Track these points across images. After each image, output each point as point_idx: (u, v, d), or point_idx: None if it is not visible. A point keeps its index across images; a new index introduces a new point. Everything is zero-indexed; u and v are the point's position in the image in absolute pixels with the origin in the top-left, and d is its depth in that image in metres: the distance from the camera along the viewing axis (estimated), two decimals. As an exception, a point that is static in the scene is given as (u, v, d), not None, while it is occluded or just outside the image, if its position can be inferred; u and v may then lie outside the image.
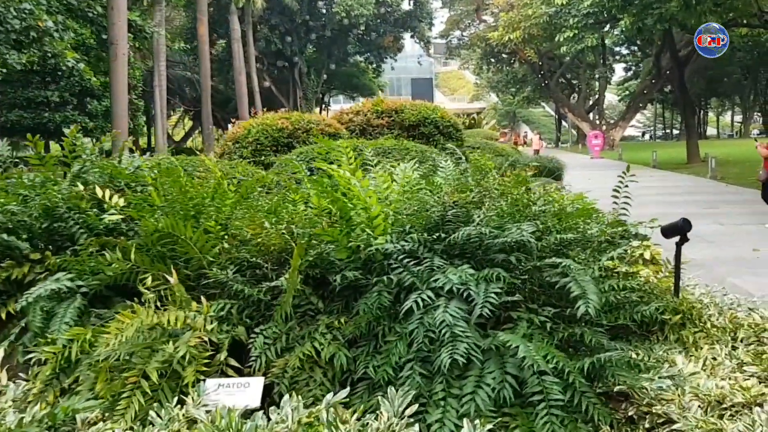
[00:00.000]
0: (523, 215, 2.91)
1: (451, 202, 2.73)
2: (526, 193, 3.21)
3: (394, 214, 2.78)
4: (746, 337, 2.99)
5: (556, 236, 2.72)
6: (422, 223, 2.72)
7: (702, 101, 68.44)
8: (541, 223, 2.86)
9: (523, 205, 2.99)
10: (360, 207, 2.71)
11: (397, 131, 7.19)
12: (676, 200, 12.86)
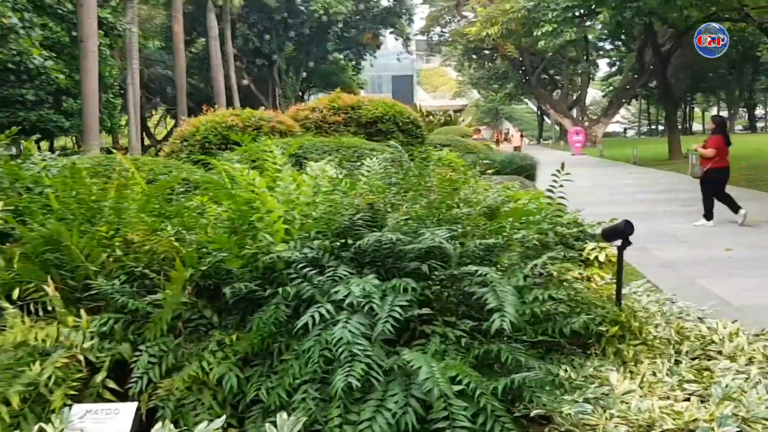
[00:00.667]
0: (444, 218, 2.66)
1: (365, 204, 2.47)
2: (451, 194, 2.95)
3: (301, 217, 2.52)
4: (691, 351, 2.76)
5: (478, 241, 2.46)
6: (330, 228, 2.46)
7: (687, 96, 68.82)
8: (464, 227, 2.60)
9: (447, 207, 2.73)
10: (264, 210, 2.44)
11: (354, 128, 6.93)
12: (653, 198, 12.72)
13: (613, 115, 39.95)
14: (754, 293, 5.49)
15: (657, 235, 8.55)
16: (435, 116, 22.70)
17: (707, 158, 8.90)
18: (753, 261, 6.69)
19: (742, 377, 2.51)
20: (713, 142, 8.89)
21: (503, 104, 63.10)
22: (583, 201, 12.74)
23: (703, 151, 9.09)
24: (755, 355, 2.64)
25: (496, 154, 12.80)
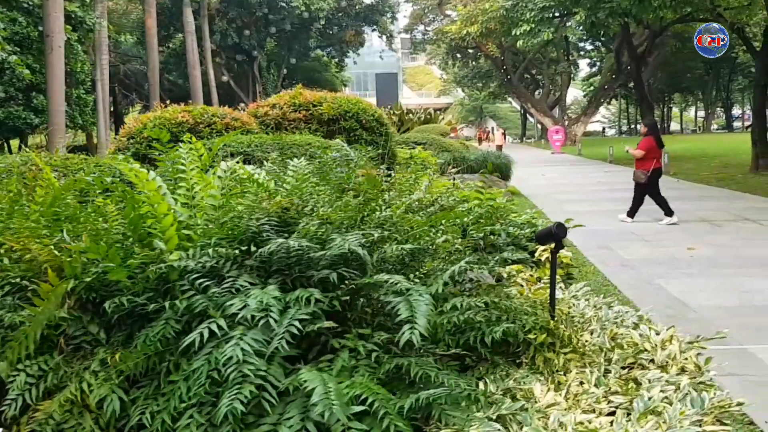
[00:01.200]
0: (368, 222, 2.48)
1: (275, 208, 2.29)
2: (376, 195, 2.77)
3: (205, 222, 2.33)
4: (622, 359, 2.62)
5: (398, 247, 2.29)
6: (235, 235, 2.27)
7: (665, 96, 69.54)
8: (387, 231, 2.43)
9: (371, 210, 2.55)
10: (163, 215, 2.24)
11: (315, 125, 6.74)
12: (623, 196, 12.64)
13: (592, 115, 40.18)
14: (711, 294, 5.41)
15: (622, 233, 8.50)
16: (415, 114, 22.56)
17: (645, 161, 9.08)
18: (714, 261, 6.63)
19: (672, 388, 2.37)
20: (645, 144, 9.10)
21: (487, 103, 63.29)
22: (556, 198, 12.77)
23: (633, 152, 9.36)
24: (687, 365, 2.51)
25: (470, 153, 12.68)
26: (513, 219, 4.97)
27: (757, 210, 10.09)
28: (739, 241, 7.67)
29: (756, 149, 16.16)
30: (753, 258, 6.69)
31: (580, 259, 6.99)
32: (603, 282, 5.96)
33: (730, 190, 13.15)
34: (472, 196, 5.23)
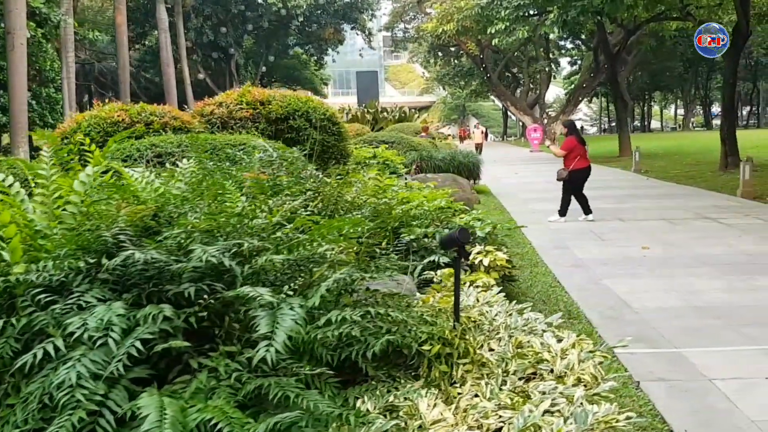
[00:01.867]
0: (245, 230, 2.33)
1: (136, 216, 2.14)
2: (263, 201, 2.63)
3: (63, 232, 2.17)
4: (521, 370, 2.51)
5: (265, 259, 2.14)
6: (92, 246, 2.12)
7: (646, 94, 70.15)
8: (259, 240, 2.28)
9: (251, 215, 2.40)
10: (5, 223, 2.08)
11: (263, 124, 6.57)
12: (590, 194, 12.61)
13: (571, 113, 40.28)
14: (655, 295, 5.34)
15: (581, 233, 8.45)
16: (390, 113, 22.43)
17: (569, 160, 9.20)
18: (665, 260, 6.58)
19: (564, 401, 2.26)
20: (566, 144, 9.24)
21: (469, 101, 63.39)
22: (523, 197, 12.71)
23: (554, 150, 9.61)
24: (584, 375, 2.40)
25: (438, 152, 12.58)
26: (453, 220, 4.85)
27: (717, 208, 10.11)
28: (694, 240, 7.64)
29: (725, 147, 16.26)
30: (704, 257, 6.66)
31: (534, 259, 6.92)
32: (552, 283, 5.87)
33: (697, 188, 13.20)
34: (412, 197, 5.11)
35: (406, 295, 2.79)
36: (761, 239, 7.50)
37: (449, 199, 6.48)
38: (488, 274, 4.26)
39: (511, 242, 7.77)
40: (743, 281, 5.66)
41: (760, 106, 71.74)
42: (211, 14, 33.46)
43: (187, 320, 1.97)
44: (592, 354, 2.55)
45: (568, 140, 9.33)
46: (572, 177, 9.21)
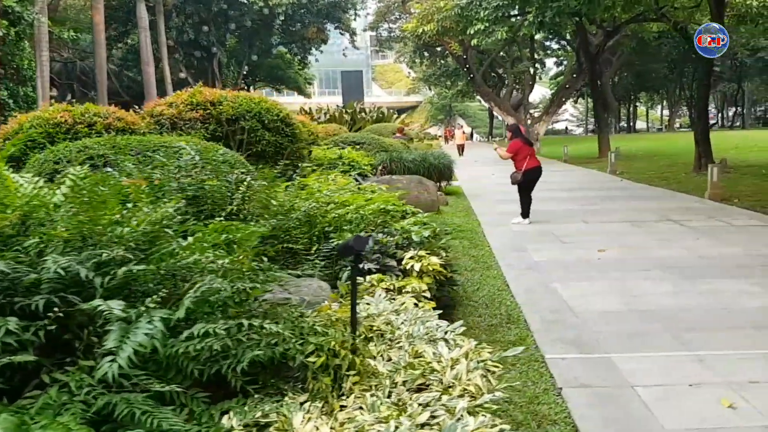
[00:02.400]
0: (109, 239, 2.24)
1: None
2: (140, 206, 2.53)
3: None
4: (412, 380, 2.44)
5: (123, 270, 2.06)
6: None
7: (631, 95, 70.56)
8: (126, 250, 2.19)
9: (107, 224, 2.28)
10: None
11: (213, 126, 6.46)
12: (561, 196, 12.66)
13: (554, 114, 40.43)
14: (601, 298, 5.30)
15: (542, 234, 8.40)
16: (368, 113, 22.34)
17: (519, 162, 9.27)
18: (619, 263, 6.54)
19: (444, 413, 2.20)
20: (512, 147, 9.34)
21: (456, 101, 63.40)
22: (494, 198, 12.66)
23: (500, 152, 9.67)
24: (469, 386, 2.34)
25: (409, 153, 12.51)
26: (392, 224, 4.77)
27: (683, 210, 10.12)
28: (653, 242, 7.62)
29: (699, 149, 16.33)
30: (658, 260, 6.64)
31: (489, 262, 6.87)
32: (500, 286, 5.82)
33: (668, 190, 13.23)
34: (352, 199, 5.02)
35: (296, 305, 2.70)
36: (718, 242, 7.51)
37: (401, 202, 6.42)
38: (421, 280, 4.20)
39: (470, 245, 7.74)
40: (692, 284, 5.64)
41: (745, 106, 72.48)
42: (192, 13, 33.20)
43: (37, 333, 1.88)
44: (483, 363, 2.48)
45: (513, 143, 9.42)
46: (525, 177, 9.25)
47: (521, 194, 9.45)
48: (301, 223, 4.16)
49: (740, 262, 6.43)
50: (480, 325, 4.64)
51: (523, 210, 9.42)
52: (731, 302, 5.06)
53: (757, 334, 4.29)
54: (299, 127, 7.15)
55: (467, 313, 4.94)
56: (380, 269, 4.15)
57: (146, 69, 27.82)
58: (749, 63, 56.01)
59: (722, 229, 8.33)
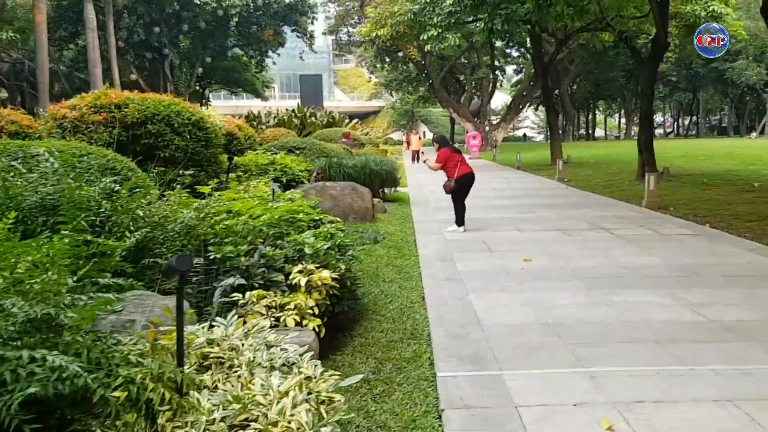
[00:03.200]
0: None
1: None
2: None
3: None
4: (233, 416, 2.20)
5: None
6: None
7: (590, 103, 72.07)
8: None
9: None
10: None
11: (119, 129, 6.11)
12: (503, 203, 12.64)
13: (511, 121, 40.90)
14: (512, 310, 5.17)
15: (473, 243, 8.29)
16: (318, 118, 22.06)
17: (450, 170, 9.22)
18: (540, 273, 6.45)
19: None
20: (440, 156, 9.33)
21: (418, 107, 63.67)
22: (436, 206, 12.52)
23: (430, 163, 9.66)
24: (291, 424, 2.11)
25: (350, 159, 12.29)
26: (295, 236, 4.52)
27: (617, 219, 10.18)
28: (579, 251, 7.58)
29: (642, 157, 16.59)
30: (579, 270, 6.57)
31: (411, 272, 6.69)
32: (415, 299, 5.64)
33: (609, 198, 13.36)
34: (245, 208, 4.76)
35: (105, 333, 2.43)
36: (643, 251, 7.51)
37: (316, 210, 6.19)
38: (309, 295, 3.97)
39: (397, 254, 7.55)
40: (605, 295, 5.57)
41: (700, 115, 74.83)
42: (144, 13, 32.35)
43: None
44: (316, 394, 2.26)
45: (441, 152, 9.40)
46: (458, 184, 9.19)
47: (455, 202, 9.37)
48: (180, 234, 3.88)
49: (658, 273, 6.41)
50: (379, 342, 4.44)
51: (458, 218, 9.33)
52: (639, 315, 4.98)
53: (656, 349, 4.20)
54: (214, 131, 6.84)
55: (370, 328, 4.74)
56: (264, 285, 3.91)
57: (93, 70, 26.95)
58: (703, 73, 57.85)
59: (650, 238, 8.36)
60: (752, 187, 13.76)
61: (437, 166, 9.41)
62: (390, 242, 8.22)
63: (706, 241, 8.12)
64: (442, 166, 9.33)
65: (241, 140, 11.79)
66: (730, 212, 10.45)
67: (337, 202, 9.33)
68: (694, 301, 5.33)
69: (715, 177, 16.23)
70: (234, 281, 3.51)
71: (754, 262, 6.78)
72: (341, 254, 4.93)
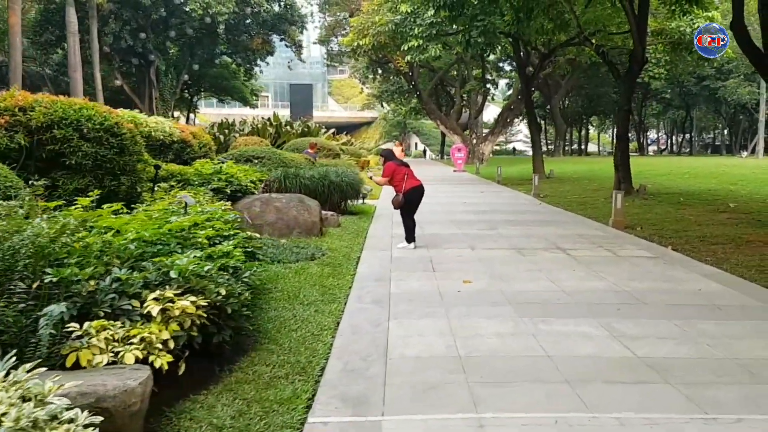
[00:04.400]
0: None
1: None
2: None
3: None
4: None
5: None
6: None
7: (583, 119, 71.90)
8: None
9: None
10: None
11: (23, 134, 5.67)
12: (468, 219, 12.22)
13: (499, 134, 40.56)
14: (427, 340, 4.73)
15: (419, 262, 7.85)
16: (293, 127, 21.64)
17: (397, 184, 8.83)
18: (475, 297, 6.01)
19: None
20: (386, 171, 8.99)
21: (410, 118, 63.41)
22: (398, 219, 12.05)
23: (376, 179, 9.32)
24: None
25: (308, 170, 11.86)
26: (161, 259, 4.04)
27: (577, 238, 9.76)
28: (525, 273, 7.15)
29: (618, 174, 16.22)
30: (519, 294, 6.14)
31: (338, 294, 6.23)
32: (327, 325, 5.17)
33: (579, 215, 12.94)
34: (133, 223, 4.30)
35: None
36: (591, 274, 7.07)
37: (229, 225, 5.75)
38: (165, 325, 3.51)
39: (331, 272, 7.10)
40: (534, 324, 5.13)
41: (693, 133, 74.71)
42: (130, 19, 32.03)
43: None
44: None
45: (387, 166, 9.06)
46: (407, 198, 8.81)
47: (404, 218, 8.96)
48: (20, 254, 3.42)
49: (600, 299, 5.98)
50: (260, 378, 3.97)
51: (408, 234, 8.92)
52: (561, 348, 4.54)
53: (565, 391, 3.75)
54: (130, 138, 6.38)
55: (258, 360, 4.27)
56: (113, 313, 3.45)
57: (73, 75, 26.57)
58: (695, 91, 57.71)
59: (604, 260, 7.93)
60: (727, 207, 13.37)
61: (383, 180, 9.03)
62: (329, 259, 7.76)
63: (662, 264, 7.70)
64: (388, 181, 8.93)
65: (195, 148, 11.35)
66: (698, 234, 10.04)
67: (282, 214, 8.89)
68: (627, 333, 4.89)
69: (693, 196, 15.85)
70: (58, 309, 3.04)
71: (706, 291, 6.35)
72: (234, 276, 4.48)
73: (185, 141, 11.29)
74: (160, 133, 10.16)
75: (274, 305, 5.64)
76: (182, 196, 6.17)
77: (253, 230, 8.90)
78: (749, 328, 5.08)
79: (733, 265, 7.62)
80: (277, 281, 6.45)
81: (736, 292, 6.32)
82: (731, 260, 7.93)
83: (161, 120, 10.66)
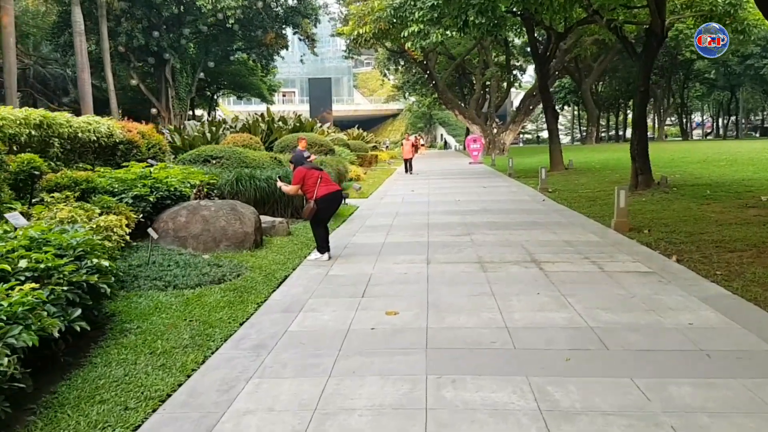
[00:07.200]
0: None
1: None
2: None
3: None
4: None
5: None
6: None
7: (620, 102, 68.31)
8: None
9: None
10: None
11: None
12: (449, 221, 10.77)
13: (521, 122, 38.43)
14: (272, 418, 3.42)
15: (351, 283, 6.52)
16: (285, 122, 20.44)
17: (308, 190, 7.68)
18: (388, 339, 4.67)
19: None
20: (296, 177, 7.78)
21: (435, 109, 61.59)
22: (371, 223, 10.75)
23: (285, 189, 8.08)
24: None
25: (265, 171, 10.63)
26: None
27: (564, 245, 8.21)
28: (476, 298, 5.73)
29: (635, 164, 14.38)
30: (447, 335, 4.76)
31: (219, 333, 4.98)
32: (156, 392, 3.84)
33: (581, 215, 11.28)
34: None
35: None
36: (555, 301, 5.58)
37: (65, 239, 4.57)
38: None
39: (234, 301, 5.83)
40: (436, 387, 3.77)
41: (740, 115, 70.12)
42: (142, 17, 31.47)
43: None
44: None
45: (296, 172, 7.84)
46: (320, 205, 7.61)
47: (314, 227, 7.75)
48: None
49: (548, 343, 4.53)
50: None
51: (320, 244, 7.75)
52: (458, 426, 3.15)
53: None
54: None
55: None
56: None
57: (81, 75, 26.12)
58: (739, 71, 53.88)
59: (583, 278, 6.41)
60: (758, 201, 11.46)
61: (293, 188, 7.82)
62: (242, 282, 6.49)
63: (655, 284, 6.12)
64: (299, 188, 7.68)
65: (142, 149, 10.27)
66: (715, 237, 8.34)
67: (209, 225, 7.69)
68: (562, 406, 3.49)
69: (722, 187, 13.88)
70: None
71: (698, 325, 4.81)
72: None
73: (132, 141, 10.23)
74: (91, 134, 9.08)
75: (114, 356, 4.42)
76: (11, 215, 5.00)
77: (178, 244, 7.74)
78: (741, 394, 3.57)
79: (747, 282, 6.02)
80: (147, 317, 5.23)
81: (738, 327, 4.76)
82: (746, 274, 6.31)
83: (97, 119, 9.60)
